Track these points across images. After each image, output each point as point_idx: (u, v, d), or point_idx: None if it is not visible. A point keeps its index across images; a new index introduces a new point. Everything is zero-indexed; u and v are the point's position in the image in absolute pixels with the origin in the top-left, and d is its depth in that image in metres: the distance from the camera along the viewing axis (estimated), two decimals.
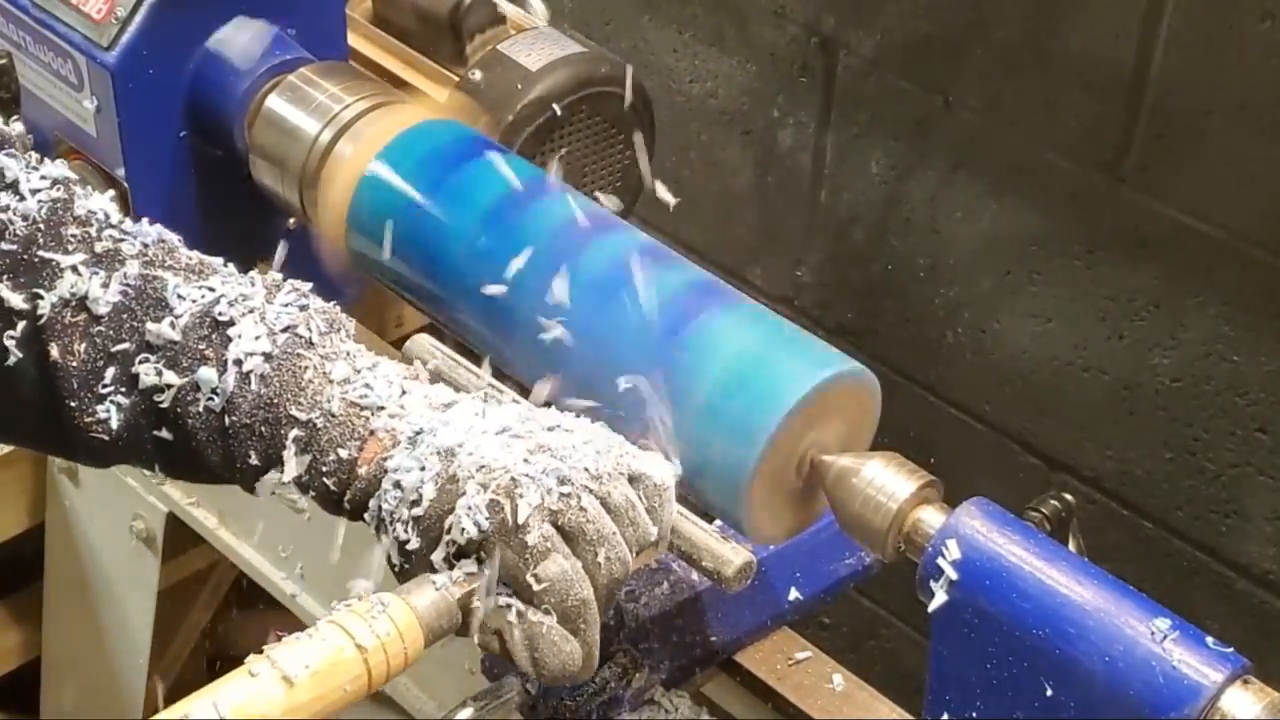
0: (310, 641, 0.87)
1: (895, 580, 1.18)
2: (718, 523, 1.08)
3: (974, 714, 1.01)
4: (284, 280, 1.05)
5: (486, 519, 0.93)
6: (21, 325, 1.02)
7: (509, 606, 0.93)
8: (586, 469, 0.95)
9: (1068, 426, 1.67)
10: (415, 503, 0.95)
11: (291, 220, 1.42)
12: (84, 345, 1.01)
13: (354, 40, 1.47)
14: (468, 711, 1.09)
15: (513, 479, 0.93)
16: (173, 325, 1.00)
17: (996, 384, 1.71)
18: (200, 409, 1.00)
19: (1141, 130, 1.50)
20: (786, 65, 1.77)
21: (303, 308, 1.03)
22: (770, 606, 1.21)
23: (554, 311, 1.13)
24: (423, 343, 1.23)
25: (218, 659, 2.37)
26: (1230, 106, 1.44)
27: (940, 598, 1.00)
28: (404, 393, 1.00)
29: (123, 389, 1.01)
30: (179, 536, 1.79)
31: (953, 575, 1.00)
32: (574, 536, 0.94)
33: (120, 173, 1.37)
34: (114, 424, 1.01)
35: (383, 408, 0.99)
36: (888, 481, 1.05)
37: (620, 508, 0.96)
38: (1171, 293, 1.54)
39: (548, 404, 1.06)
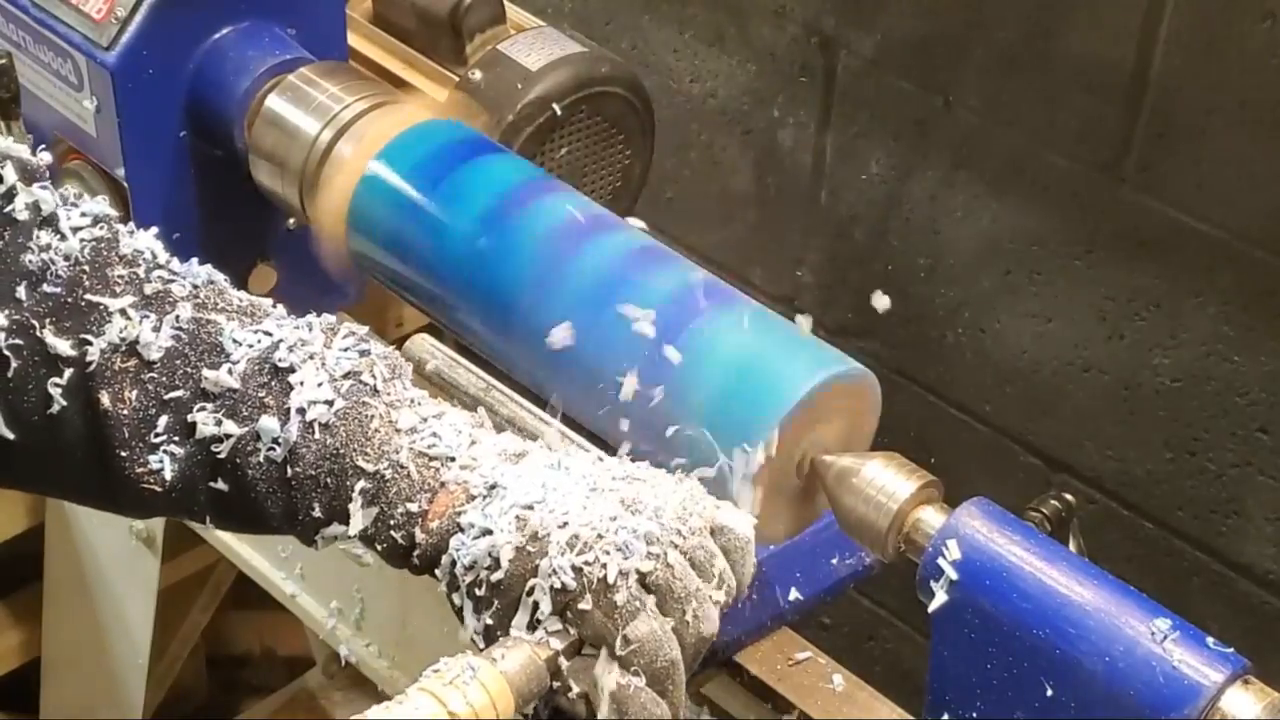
0: (403, 710, 0.85)
1: (895, 580, 1.18)
2: None
3: (974, 714, 1.01)
4: (339, 323, 1.02)
5: (572, 579, 0.90)
6: (69, 373, 0.98)
7: (598, 669, 0.90)
8: (673, 525, 0.92)
9: (1068, 426, 1.67)
10: (493, 565, 0.91)
11: (291, 220, 1.42)
12: (135, 392, 0.97)
13: (354, 40, 1.47)
14: None
15: (599, 535, 0.90)
16: (230, 372, 0.97)
17: (996, 384, 1.71)
18: (261, 459, 0.96)
19: (1141, 130, 1.50)
20: (786, 65, 1.76)
21: (363, 353, 0.99)
22: (770, 606, 1.21)
23: (554, 312, 1.13)
24: (422, 343, 1.23)
25: (217, 659, 2.38)
26: (1230, 106, 1.43)
27: (940, 598, 1.00)
28: (474, 442, 0.97)
29: (176, 438, 0.97)
30: (179, 536, 1.79)
31: (953, 575, 0.99)
32: (662, 594, 0.91)
33: (120, 173, 1.36)
34: (167, 475, 0.97)
35: (453, 458, 0.95)
36: (888, 481, 1.04)
37: (705, 563, 0.93)
38: (1171, 293, 1.54)
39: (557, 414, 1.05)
